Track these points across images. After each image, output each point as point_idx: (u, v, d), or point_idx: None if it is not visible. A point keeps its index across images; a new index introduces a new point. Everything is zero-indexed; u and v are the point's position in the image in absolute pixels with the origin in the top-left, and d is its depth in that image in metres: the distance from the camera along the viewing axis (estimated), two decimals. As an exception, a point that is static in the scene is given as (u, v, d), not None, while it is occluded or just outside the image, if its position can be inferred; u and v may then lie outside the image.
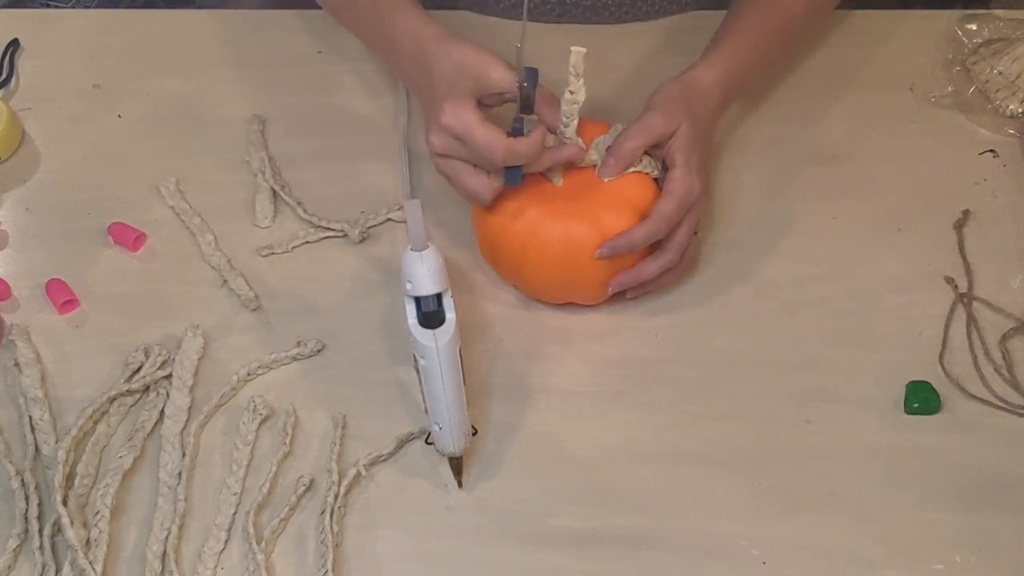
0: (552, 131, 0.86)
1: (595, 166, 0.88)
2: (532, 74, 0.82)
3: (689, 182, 0.86)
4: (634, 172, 0.87)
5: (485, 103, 0.86)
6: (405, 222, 0.95)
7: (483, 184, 0.85)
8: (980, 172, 1.00)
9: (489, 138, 0.81)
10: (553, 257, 0.86)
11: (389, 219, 0.99)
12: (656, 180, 0.89)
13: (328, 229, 0.98)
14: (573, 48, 0.79)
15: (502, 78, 0.84)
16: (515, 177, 0.85)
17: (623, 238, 0.85)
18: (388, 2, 0.92)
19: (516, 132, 0.83)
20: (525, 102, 0.83)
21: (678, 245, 0.88)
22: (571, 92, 0.82)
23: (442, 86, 0.85)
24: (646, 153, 0.88)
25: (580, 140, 0.87)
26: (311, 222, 0.98)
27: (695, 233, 0.90)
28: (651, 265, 0.88)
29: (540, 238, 0.86)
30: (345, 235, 0.97)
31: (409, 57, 0.89)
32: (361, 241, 0.97)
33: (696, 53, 0.94)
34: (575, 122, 0.85)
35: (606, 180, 0.87)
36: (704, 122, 0.90)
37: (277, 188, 1.00)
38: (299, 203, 0.99)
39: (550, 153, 0.85)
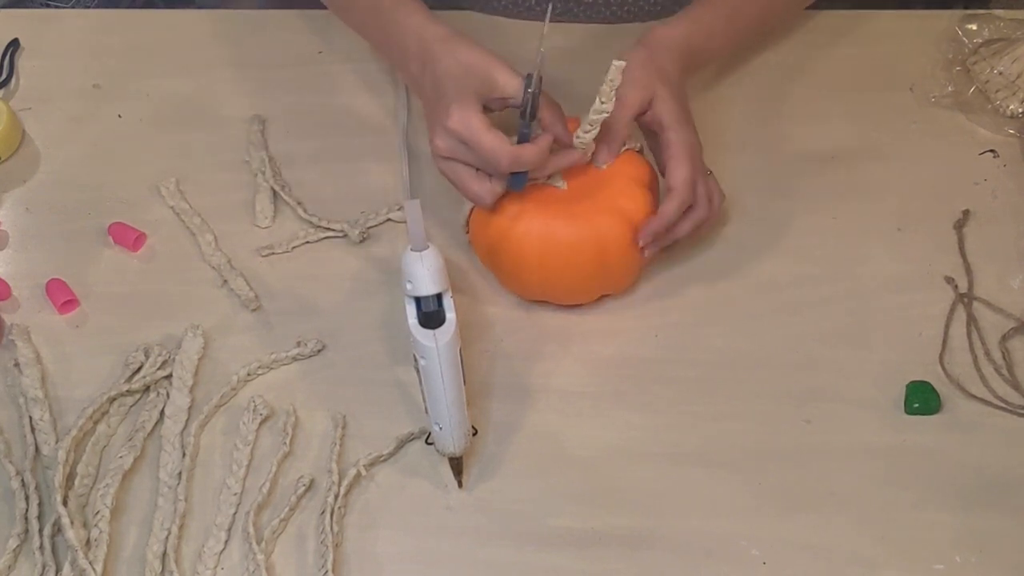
0: (560, 138, 0.86)
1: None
2: (538, 81, 0.82)
3: (687, 138, 0.87)
4: (627, 150, 0.89)
5: (489, 107, 0.86)
6: (405, 222, 0.96)
7: (486, 189, 0.85)
8: (980, 172, 1.00)
9: (495, 145, 0.81)
10: (588, 258, 0.86)
11: (389, 219, 0.99)
12: (640, 150, 0.90)
13: (328, 229, 0.98)
14: (615, 62, 0.79)
15: (508, 83, 0.84)
16: (520, 182, 0.85)
17: (658, 220, 0.86)
18: (392, 0, 0.92)
19: (523, 138, 0.83)
20: (532, 110, 0.83)
21: (703, 198, 0.88)
22: (602, 102, 0.82)
23: (448, 88, 0.85)
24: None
25: (593, 146, 0.87)
26: (311, 222, 0.98)
27: (709, 173, 0.90)
28: (685, 224, 0.88)
29: (571, 244, 0.85)
30: (345, 235, 0.97)
31: (413, 57, 0.89)
32: (361, 241, 0.97)
33: (696, 53, 0.94)
34: (596, 131, 0.85)
35: (603, 167, 0.87)
36: (675, 76, 0.90)
37: (277, 188, 1.00)
38: (299, 203, 0.99)
39: (555, 159, 0.85)
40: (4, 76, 1.10)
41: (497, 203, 0.86)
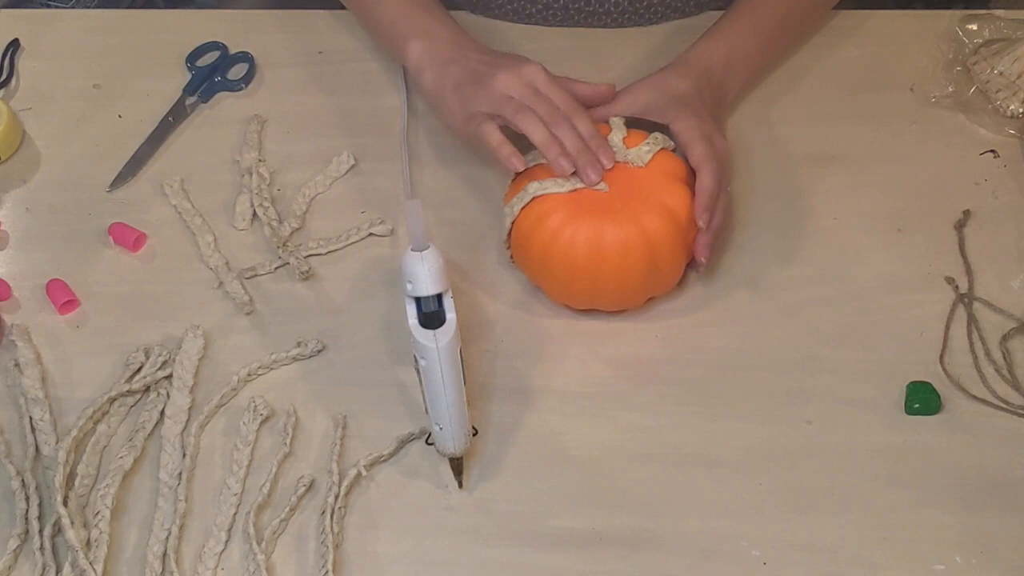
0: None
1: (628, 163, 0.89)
2: None
3: (693, 123, 0.91)
4: (661, 150, 0.89)
5: None
6: (388, 235, 0.95)
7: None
8: (980, 172, 1.00)
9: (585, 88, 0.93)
10: (638, 259, 0.85)
11: (371, 234, 0.97)
12: (673, 150, 0.90)
13: (287, 256, 0.95)
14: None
15: None
16: None
17: (701, 195, 0.87)
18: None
19: None
20: None
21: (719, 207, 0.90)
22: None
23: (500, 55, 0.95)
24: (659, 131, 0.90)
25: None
26: (273, 243, 0.96)
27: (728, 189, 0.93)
28: (705, 236, 0.89)
29: (621, 245, 0.84)
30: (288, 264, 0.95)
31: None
32: (305, 273, 0.95)
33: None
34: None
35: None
36: (686, 89, 0.94)
37: (255, 197, 0.98)
38: (272, 220, 0.97)
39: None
40: (4, 76, 1.10)
41: (539, 213, 0.86)
